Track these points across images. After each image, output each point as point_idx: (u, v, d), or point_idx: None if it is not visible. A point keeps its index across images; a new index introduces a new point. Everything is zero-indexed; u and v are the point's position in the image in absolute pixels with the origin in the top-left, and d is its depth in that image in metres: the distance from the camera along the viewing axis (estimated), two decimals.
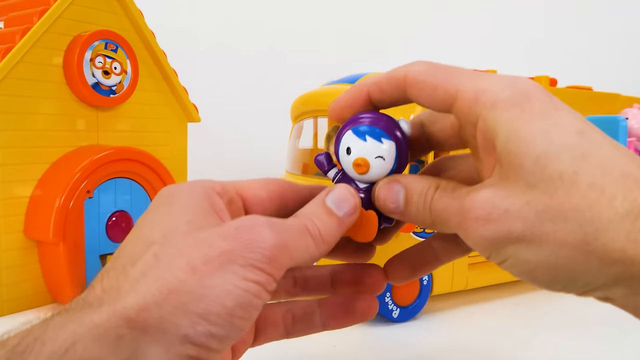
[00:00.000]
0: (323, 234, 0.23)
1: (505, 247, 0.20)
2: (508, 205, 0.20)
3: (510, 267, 0.21)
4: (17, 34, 0.47)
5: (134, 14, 0.56)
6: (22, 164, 0.48)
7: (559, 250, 0.19)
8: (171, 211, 0.22)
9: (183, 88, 0.61)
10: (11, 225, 0.48)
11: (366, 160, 0.24)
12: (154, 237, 0.21)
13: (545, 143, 0.20)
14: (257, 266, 0.20)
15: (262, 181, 0.26)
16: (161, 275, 0.20)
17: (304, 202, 0.26)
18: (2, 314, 0.48)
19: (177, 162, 0.62)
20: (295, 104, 0.55)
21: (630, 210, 0.18)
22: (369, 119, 0.25)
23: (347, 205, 0.24)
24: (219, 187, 0.24)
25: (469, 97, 0.22)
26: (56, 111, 0.50)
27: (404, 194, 0.24)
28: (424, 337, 0.43)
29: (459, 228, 0.22)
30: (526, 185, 0.20)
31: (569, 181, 0.19)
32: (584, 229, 0.19)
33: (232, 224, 0.21)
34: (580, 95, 0.66)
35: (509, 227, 0.20)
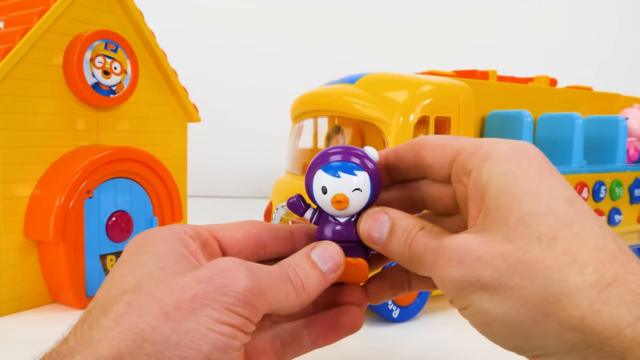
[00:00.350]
0: (305, 284, 0.23)
1: (470, 293, 0.20)
2: (483, 252, 0.20)
3: (470, 316, 0.21)
4: (17, 34, 0.47)
5: (134, 14, 0.56)
6: (22, 164, 0.48)
7: (521, 306, 0.19)
8: (144, 259, 0.22)
9: (183, 88, 0.61)
10: (11, 225, 0.48)
11: (345, 196, 0.25)
12: (127, 286, 0.21)
13: (534, 204, 0.20)
14: (232, 309, 0.20)
15: (237, 223, 0.26)
16: (133, 323, 0.19)
17: (284, 242, 0.27)
18: (2, 314, 0.48)
19: (177, 162, 0.62)
20: (295, 104, 0.55)
21: (598, 282, 0.19)
22: (336, 154, 0.25)
23: (332, 262, 0.25)
24: (192, 230, 0.24)
25: (470, 151, 0.23)
26: (56, 111, 0.50)
27: (390, 227, 0.24)
28: (424, 337, 0.43)
29: (432, 267, 0.22)
30: (505, 239, 0.20)
31: (546, 244, 0.19)
32: (549, 290, 0.19)
33: (206, 267, 0.21)
34: (580, 95, 0.66)
35: (479, 273, 0.20)
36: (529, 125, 0.54)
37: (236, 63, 1.23)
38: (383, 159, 0.27)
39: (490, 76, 0.59)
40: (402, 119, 0.45)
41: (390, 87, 0.47)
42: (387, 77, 0.49)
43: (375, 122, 0.46)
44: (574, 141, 0.57)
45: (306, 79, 0.79)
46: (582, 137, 0.58)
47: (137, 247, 0.23)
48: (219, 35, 1.23)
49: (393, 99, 0.46)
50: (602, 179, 0.61)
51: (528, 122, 0.54)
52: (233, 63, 1.22)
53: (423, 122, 0.46)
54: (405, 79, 0.49)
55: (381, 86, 0.48)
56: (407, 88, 0.47)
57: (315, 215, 0.27)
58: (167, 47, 0.60)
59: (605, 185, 0.61)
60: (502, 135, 0.55)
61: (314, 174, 0.26)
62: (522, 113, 0.54)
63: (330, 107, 0.50)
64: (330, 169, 0.25)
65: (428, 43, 1.22)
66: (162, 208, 0.57)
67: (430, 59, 1.04)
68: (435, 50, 1.20)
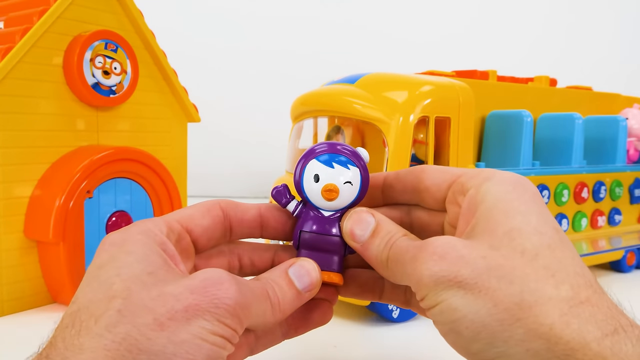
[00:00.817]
0: (281, 303, 0.24)
1: (445, 289, 0.21)
2: (465, 252, 0.21)
3: (439, 313, 0.21)
4: (17, 34, 0.47)
5: (134, 14, 0.56)
6: (22, 164, 0.48)
7: (492, 307, 0.20)
8: (128, 260, 0.21)
9: (183, 88, 0.61)
10: (11, 225, 0.48)
11: (336, 186, 0.25)
12: (115, 291, 0.20)
13: (523, 222, 0.21)
14: (222, 321, 0.20)
15: (204, 208, 0.26)
16: (128, 332, 0.19)
17: (251, 223, 0.27)
18: (2, 314, 0.48)
19: (177, 162, 0.62)
20: (295, 104, 0.55)
21: (572, 298, 0.19)
22: (330, 148, 0.26)
23: (308, 280, 0.25)
24: (165, 227, 0.24)
25: (471, 174, 0.24)
26: (56, 111, 0.50)
27: (374, 227, 0.25)
28: (424, 337, 0.43)
29: (411, 261, 0.22)
30: (489, 246, 0.21)
31: (528, 258, 0.20)
32: (523, 295, 0.19)
33: (197, 277, 0.21)
34: (580, 95, 0.66)
35: (458, 270, 0.20)
36: (529, 125, 0.54)
37: (236, 63, 1.23)
38: (382, 178, 0.27)
39: (490, 76, 0.59)
40: (402, 119, 0.45)
41: (390, 87, 0.47)
42: (387, 77, 0.49)
43: (375, 122, 0.46)
44: (574, 141, 0.57)
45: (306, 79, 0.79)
46: (582, 137, 0.58)
47: (117, 247, 0.22)
48: (219, 36, 1.22)
49: (393, 99, 0.46)
50: (602, 179, 0.61)
51: (528, 122, 0.54)
52: (233, 63, 1.22)
53: (423, 122, 0.46)
54: (405, 79, 0.49)
55: (381, 86, 0.48)
56: (407, 88, 0.47)
57: (298, 208, 0.27)
58: (167, 47, 0.60)
59: (605, 185, 0.61)
60: (502, 135, 0.55)
61: (307, 162, 0.26)
62: (522, 113, 0.54)
63: (330, 107, 0.50)
64: (325, 159, 0.25)
65: (428, 43, 1.22)
66: (162, 208, 0.57)
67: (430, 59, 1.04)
68: (435, 50, 1.20)
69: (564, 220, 0.57)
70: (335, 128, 0.54)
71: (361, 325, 0.46)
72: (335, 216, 0.26)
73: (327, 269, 0.26)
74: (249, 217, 0.27)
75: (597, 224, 0.61)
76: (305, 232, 0.26)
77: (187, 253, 0.25)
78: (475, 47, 1.21)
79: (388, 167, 0.45)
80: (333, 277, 0.26)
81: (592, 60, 1.23)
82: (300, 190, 0.26)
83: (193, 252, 0.25)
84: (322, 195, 0.25)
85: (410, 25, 1.24)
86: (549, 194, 0.56)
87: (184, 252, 0.24)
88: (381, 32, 1.23)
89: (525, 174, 0.54)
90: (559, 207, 0.57)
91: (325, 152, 0.26)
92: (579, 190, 0.58)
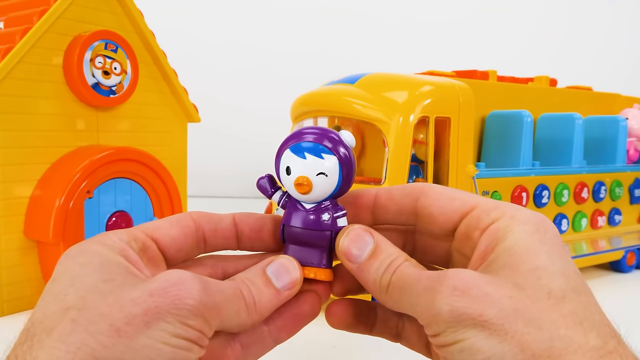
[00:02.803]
0: (257, 303, 0.22)
1: (467, 328, 0.19)
2: (490, 290, 0.20)
3: (458, 352, 0.20)
4: (17, 34, 0.47)
5: (134, 14, 0.56)
6: (22, 164, 0.48)
7: (519, 352, 0.19)
8: (83, 271, 0.20)
9: (183, 88, 0.61)
10: (11, 225, 0.48)
11: (308, 179, 0.23)
12: (69, 301, 0.19)
13: (547, 262, 0.20)
14: (186, 323, 0.19)
15: (173, 218, 0.25)
16: (83, 341, 0.18)
17: (225, 234, 0.25)
18: (2, 314, 0.48)
19: (177, 162, 0.62)
20: (295, 104, 0.55)
21: (601, 347, 0.19)
22: (308, 135, 0.24)
23: (287, 279, 0.23)
24: (127, 236, 0.23)
25: (488, 207, 0.22)
26: (56, 111, 0.50)
27: (372, 249, 0.23)
28: None
29: (425, 293, 0.21)
30: (514, 284, 0.20)
31: (554, 301, 0.19)
32: (553, 342, 0.19)
33: (157, 279, 0.20)
34: (580, 95, 0.66)
35: (484, 309, 0.19)
36: (529, 125, 0.54)
37: (236, 63, 1.23)
38: (373, 197, 0.25)
39: (490, 76, 0.59)
40: (402, 119, 0.45)
41: (390, 87, 0.47)
42: (387, 77, 0.49)
43: (375, 122, 0.46)
44: (574, 141, 0.57)
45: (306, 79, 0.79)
46: (582, 137, 0.58)
47: (73, 260, 0.21)
48: (219, 36, 1.22)
49: (393, 99, 0.46)
50: (602, 179, 0.61)
51: (528, 122, 0.54)
52: (233, 63, 1.22)
53: (423, 122, 0.46)
54: (405, 79, 0.49)
55: (381, 86, 0.48)
56: (407, 88, 0.47)
57: (283, 199, 0.25)
58: (167, 47, 0.60)
59: (605, 185, 0.61)
60: (502, 135, 0.55)
61: (281, 153, 0.24)
62: (522, 113, 0.54)
63: (330, 107, 0.50)
64: (297, 150, 0.23)
65: (428, 43, 1.22)
66: (162, 208, 0.57)
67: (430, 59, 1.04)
68: (435, 50, 1.20)
69: (564, 220, 0.57)
70: (335, 128, 0.54)
71: None
72: (318, 208, 0.24)
73: (311, 265, 0.25)
74: (223, 226, 0.25)
75: (597, 224, 0.61)
76: (289, 226, 0.25)
77: (154, 262, 0.23)
78: (475, 47, 1.21)
79: (388, 167, 0.45)
80: (319, 274, 0.25)
81: (592, 60, 1.23)
82: (281, 182, 0.25)
83: (162, 261, 0.24)
84: (295, 189, 0.24)
85: (410, 25, 1.24)
86: (549, 194, 0.56)
87: (151, 261, 0.23)
88: (381, 32, 1.23)
89: (525, 174, 0.54)
90: (559, 207, 0.57)
91: (299, 141, 0.24)
92: (579, 190, 0.58)
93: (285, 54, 1.22)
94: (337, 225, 0.24)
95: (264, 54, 1.23)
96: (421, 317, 0.21)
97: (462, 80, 0.50)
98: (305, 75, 0.91)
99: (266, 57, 1.23)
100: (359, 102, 0.47)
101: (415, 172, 0.48)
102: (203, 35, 1.22)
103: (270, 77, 1.21)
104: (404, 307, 0.22)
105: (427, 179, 0.47)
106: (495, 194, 0.52)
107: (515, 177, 0.53)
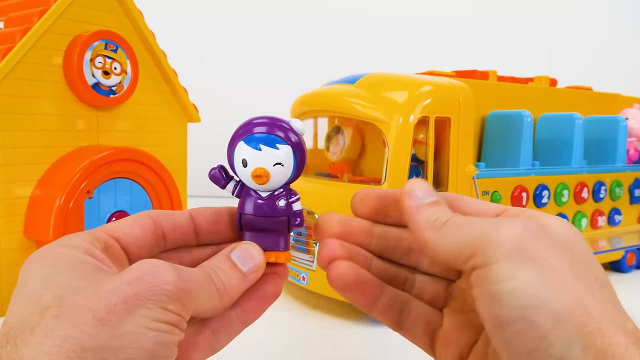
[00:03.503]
0: (227, 287, 0.23)
1: (527, 266, 0.19)
2: (556, 245, 0.21)
3: (510, 293, 0.19)
4: (17, 34, 0.47)
5: (134, 14, 0.56)
6: (22, 164, 0.48)
7: (577, 308, 0.19)
8: (54, 272, 0.21)
9: (183, 88, 0.61)
10: (11, 225, 0.48)
11: (265, 170, 0.24)
12: (46, 302, 0.20)
13: (590, 255, 0.22)
14: (165, 307, 0.20)
15: (131, 218, 0.25)
16: (68, 334, 0.19)
17: (183, 229, 0.26)
18: (2, 314, 0.48)
19: (177, 162, 0.62)
20: (295, 104, 0.55)
21: (635, 332, 0.20)
22: (260, 126, 0.24)
23: (252, 262, 0.24)
24: (88, 237, 0.23)
25: (518, 210, 0.23)
26: (56, 111, 0.50)
27: (435, 199, 0.23)
28: None
29: (491, 224, 0.20)
30: (571, 258, 0.21)
31: (600, 284, 0.21)
32: (602, 313, 0.19)
33: (132, 269, 0.20)
34: (580, 95, 0.66)
35: (548, 257, 0.20)
36: (529, 125, 0.54)
37: (236, 63, 1.23)
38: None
39: (490, 76, 0.59)
40: (402, 119, 0.45)
41: (390, 87, 0.47)
42: (387, 77, 0.49)
43: (375, 122, 0.46)
44: (574, 141, 0.57)
45: (306, 79, 0.79)
46: (582, 137, 0.58)
47: (39, 263, 0.21)
48: (219, 36, 1.23)
49: (393, 99, 0.46)
50: (602, 179, 0.61)
51: (528, 122, 0.54)
52: (233, 63, 1.22)
53: (423, 122, 0.46)
54: (405, 79, 0.49)
55: (381, 86, 0.48)
56: (407, 88, 0.47)
57: (237, 188, 0.26)
58: (167, 47, 0.60)
59: (605, 185, 0.61)
60: (502, 135, 0.55)
61: (235, 145, 0.25)
62: (522, 113, 0.54)
63: (330, 107, 0.50)
64: (251, 141, 0.24)
65: (428, 43, 1.22)
66: (162, 208, 0.57)
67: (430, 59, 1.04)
68: (435, 50, 1.20)
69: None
70: (335, 128, 0.54)
71: (361, 325, 0.46)
72: (274, 195, 0.25)
73: (272, 249, 0.25)
74: (180, 222, 0.26)
75: (597, 224, 0.61)
76: (245, 214, 0.25)
77: (119, 260, 0.24)
78: (475, 47, 1.21)
79: (388, 167, 0.45)
80: (280, 257, 0.25)
81: (592, 60, 1.23)
82: (235, 173, 0.25)
83: (126, 260, 0.24)
84: (253, 180, 0.24)
85: (410, 25, 1.24)
86: (549, 194, 0.56)
87: (115, 260, 0.23)
88: (381, 32, 1.23)
89: (525, 174, 0.54)
90: (559, 207, 0.57)
91: (250, 133, 0.24)
92: (579, 190, 0.58)
93: (285, 54, 1.22)
94: (293, 210, 0.25)
95: (264, 54, 1.23)
96: (474, 246, 0.20)
97: (462, 80, 0.50)
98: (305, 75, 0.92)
99: (266, 57, 1.23)
100: (359, 102, 0.47)
101: (415, 172, 0.48)
102: (203, 35, 1.22)
103: (271, 77, 1.21)
104: (453, 241, 0.21)
105: (427, 179, 0.47)
106: (495, 194, 0.52)
107: (515, 177, 0.53)
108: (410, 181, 0.24)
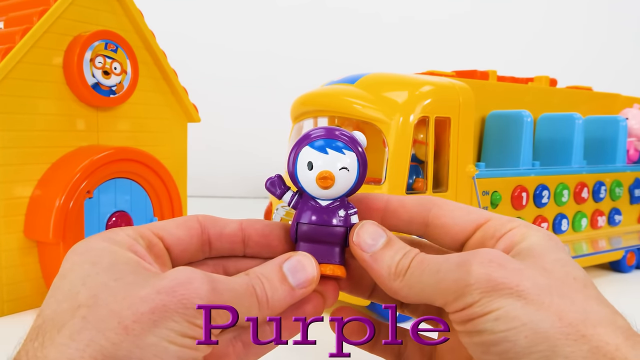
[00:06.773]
0: (270, 300, 0.22)
1: (503, 297, 0.20)
2: (523, 267, 0.20)
3: (492, 321, 0.20)
4: (17, 34, 0.47)
5: (134, 14, 0.56)
6: (22, 164, 0.48)
7: (557, 321, 0.19)
8: (95, 270, 0.20)
9: (183, 88, 0.61)
10: (11, 226, 0.48)
11: (331, 173, 0.24)
12: (80, 299, 0.19)
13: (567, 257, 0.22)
14: (193, 322, 0.19)
15: (179, 219, 0.25)
16: (92, 338, 0.18)
17: (231, 238, 0.25)
18: (2, 314, 0.48)
19: (177, 162, 0.62)
20: (295, 104, 0.55)
21: (628, 329, 0.19)
22: (325, 134, 0.24)
23: (303, 276, 0.23)
24: (133, 232, 0.23)
25: (504, 219, 0.24)
26: (56, 111, 0.50)
27: (386, 240, 0.23)
28: None
29: (458, 268, 0.21)
30: (542, 268, 0.21)
31: (580, 284, 0.21)
32: (588, 315, 0.19)
33: (167, 276, 0.20)
34: (580, 95, 0.66)
35: (520, 280, 0.20)
36: (529, 125, 0.54)
37: (236, 63, 1.23)
38: (385, 202, 0.26)
39: (490, 76, 0.59)
40: (402, 119, 0.45)
41: (390, 87, 0.47)
42: (387, 77, 0.49)
43: (375, 122, 0.46)
44: (574, 141, 0.57)
45: (306, 79, 0.79)
46: (582, 137, 0.58)
47: (82, 257, 0.21)
48: (219, 36, 1.23)
49: (393, 99, 0.46)
50: (602, 179, 0.61)
51: (528, 122, 0.54)
52: (233, 63, 1.22)
53: (423, 122, 0.46)
54: (405, 79, 0.49)
55: (381, 86, 0.48)
56: (407, 88, 0.47)
57: (294, 199, 0.25)
58: (167, 47, 0.60)
59: (605, 185, 0.61)
60: (502, 135, 0.55)
61: (300, 150, 0.24)
62: (522, 113, 0.54)
63: (330, 107, 0.50)
64: (318, 146, 0.24)
65: (428, 43, 1.22)
66: (162, 208, 0.57)
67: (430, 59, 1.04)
68: (435, 50, 1.20)
69: (564, 220, 0.57)
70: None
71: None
72: (333, 205, 0.25)
73: (328, 262, 0.25)
74: (229, 231, 0.25)
75: (597, 224, 0.61)
76: (302, 223, 0.25)
77: (161, 259, 0.23)
78: (475, 47, 1.21)
79: (388, 167, 0.45)
80: (335, 270, 0.25)
81: (592, 60, 1.23)
82: (295, 180, 0.25)
83: (168, 260, 0.24)
84: (317, 184, 0.24)
85: (410, 25, 1.24)
86: (549, 194, 0.56)
87: (158, 258, 0.23)
88: (381, 32, 1.23)
89: (525, 174, 0.54)
90: (559, 207, 0.57)
91: (318, 138, 0.24)
92: (579, 190, 0.58)
93: (285, 54, 1.22)
94: (351, 222, 0.25)
95: (264, 54, 1.23)
96: (448, 292, 0.21)
97: (462, 80, 0.50)
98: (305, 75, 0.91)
99: (266, 57, 1.23)
100: (359, 102, 0.47)
101: (415, 172, 0.48)
102: (203, 35, 1.22)
103: (270, 77, 1.21)
104: (423, 289, 0.22)
105: (427, 179, 0.47)
106: (495, 194, 0.52)
107: (515, 177, 0.53)
108: (355, 228, 0.24)
